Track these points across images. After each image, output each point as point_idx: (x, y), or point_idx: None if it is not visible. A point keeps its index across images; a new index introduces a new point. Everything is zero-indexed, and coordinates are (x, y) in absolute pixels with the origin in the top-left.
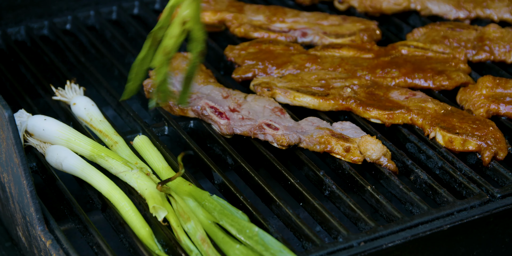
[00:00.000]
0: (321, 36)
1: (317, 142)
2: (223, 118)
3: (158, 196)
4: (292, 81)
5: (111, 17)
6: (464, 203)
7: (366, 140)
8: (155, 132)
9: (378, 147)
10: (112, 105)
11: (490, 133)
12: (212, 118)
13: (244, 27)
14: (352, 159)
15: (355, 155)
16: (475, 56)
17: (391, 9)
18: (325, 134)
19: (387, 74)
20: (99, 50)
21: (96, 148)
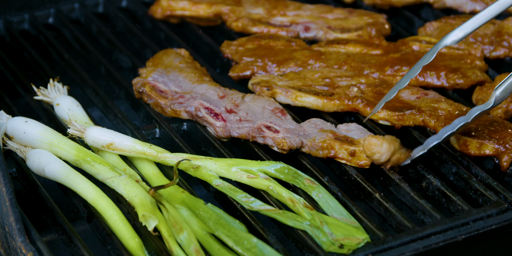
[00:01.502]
0: (326, 31)
1: (319, 147)
2: (219, 120)
3: (149, 204)
4: (293, 80)
5: (98, 10)
6: (481, 212)
7: (370, 143)
8: (145, 135)
9: (384, 148)
10: (98, 106)
11: (509, 136)
12: (207, 119)
13: (242, 21)
14: (359, 164)
15: (362, 159)
16: (492, 52)
17: (402, 1)
18: (328, 138)
19: (397, 72)
20: (84, 46)
21: (81, 152)
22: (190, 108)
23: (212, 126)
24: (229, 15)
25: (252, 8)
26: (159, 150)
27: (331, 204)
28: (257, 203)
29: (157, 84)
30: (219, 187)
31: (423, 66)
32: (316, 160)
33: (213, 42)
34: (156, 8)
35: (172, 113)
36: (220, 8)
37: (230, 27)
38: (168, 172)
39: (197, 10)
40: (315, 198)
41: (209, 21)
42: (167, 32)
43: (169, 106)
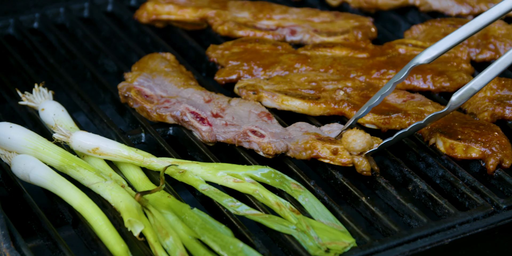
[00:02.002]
0: (312, 34)
1: (302, 148)
2: (205, 124)
3: (134, 209)
4: (280, 84)
5: (83, 14)
6: (467, 215)
7: (347, 134)
8: (131, 140)
9: (359, 136)
10: (84, 111)
11: (495, 139)
12: (193, 124)
13: (228, 25)
14: (342, 162)
15: (344, 157)
16: (478, 55)
17: (388, 4)
18: (310, 139)
19: (383, 75)
20: (70, 51)
21: (66, 157)
22: (176, 113)
23: (198, 130)
24: (215, 19)
25: (238, 12)
26: (145, 155)
27: (317, 208)
28: (243, 207)
29: (142, 88)
30: (205, 191)
31: (395, 83)
32: (302, 164)
33: (199, 46)
34: (141, 12)
35: (157, 117)
36: (206, 12)
37: (216, 31)
38: (154, 177)
39: (182, 14)
40: (301, 202)
41: (195, 25)
42: (152, 37)
43: (154, 110)
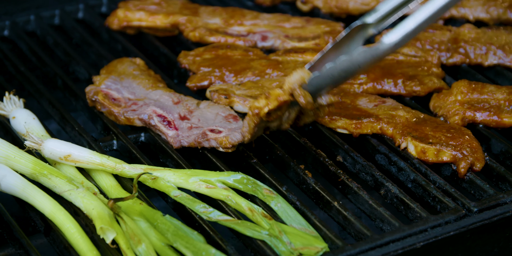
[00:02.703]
0: (283, 40)
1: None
2: (172, 129)
3: (106, 217)
4: (251, 89)
5: (54, 21)
6: (439, 219)
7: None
8: (102, 147)
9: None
10: (55, 118)
11: (466, 142)
12: (160, 128)
13: (199, 31)
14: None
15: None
16: (449, 59)
17: (359, 9)
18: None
19: (354, 80)
20: (41, 58)
21: (38, 165)
22: (143, 116)
23: (165, 135)
24: (186, 25)
25: (209, 18)
26: (117, 162)
27: (290, 214)
28: (215, 213)
29: (110, 91)
30: (177, 198)
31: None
32: (274, 170)
33: (170, 52)
34: (112, 19)
35: (125, 121)
36: (177, 18)
37: (187, 37)
38: (126, 184)
39: (153, 21)
40: (273, 208)
41: (166, 31)
42: (124, 43)
43: (122, 114)
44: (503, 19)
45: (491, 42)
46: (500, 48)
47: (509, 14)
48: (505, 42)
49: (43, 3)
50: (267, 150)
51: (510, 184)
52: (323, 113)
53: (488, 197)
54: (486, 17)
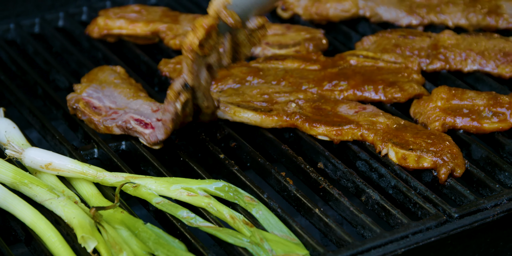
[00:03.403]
0: (263, 47)
1: None
2: (148, 128)
3: (87, 225)
4: (232, 96)
5: (34, 30)
6: (420, 225)
7: None
8: (83, 156)
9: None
10: (36, 127)
11: (446, 148)
12: (137, 129)
13: (180, 39)
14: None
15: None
16: (429, 66)
17: (339, 16)
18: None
19: (335, 86)
20: (21, 67)
21: (18, 174)
22: (120, 122)
23: (142, 135)
24: (166, 33)
25: (190, 25)
26: (98, 170)
27: (271, 221)
28: (197, 219)
29: (91, 100)
30: (159, 204)
31: None
32: (256, 177)
33: (151, 60)
34: (93, 27)
35: (104, 129)
36: (157, 26)
37: (168, 45)
38: (107, 192)
39: (134, 29)
40: (255, 215)
41: (147, 39)
42: (104, 51)
43: (101, 122)
44: (483, 25)
45: (470, 48)
46: (480, 54)
47: (488, 20)
48: (484, 48)
49: (22, 12)
50: (248, 158)
51: (491, 189)
52: (257, 39)
53: (468, 203)
54: (466, 23)
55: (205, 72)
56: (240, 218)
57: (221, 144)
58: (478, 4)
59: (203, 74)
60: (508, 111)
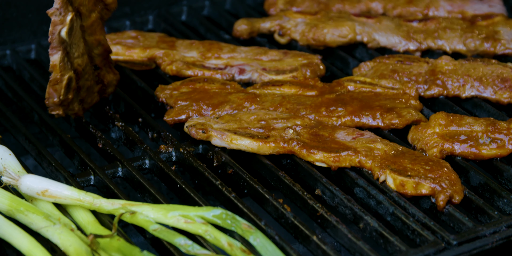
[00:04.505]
0: (260, 73)
1: None
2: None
3: (84, 253)
4: (229, 122)
5: (30, 56)
6: (418, 252)
7: None
8: (80, 183)
9: None
10: (32, 154)
11: (445, 175)
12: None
13: (176, 65)
14: None
15: None
16: (427, 91)
17: (336, 41)
18: None
19: (332, 113)
20: (17, 93)
21: (14, 202)
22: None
23: None
24: (163, 59)
25: (186, 51)
26: (95, 197)
27: (269, 248)
28: (194, 246)
29: None
30: (156, 231)
31: None
32: (253, 204)
33: (148, 86)
34: None
35: None
36: (154, 52)
37: (165, 70)
38: (104, 220)
39: (131, 55)
40: (252, 243)
41: (143, 65)
42: None
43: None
44: (480, 51)
45: (468, 74)
46: (477, 80)
47: (485, 45)
48: (482, 74)
49: (18, 38)
50: (245, 184)
51: (489, 216)
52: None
53: (467, 230)
54: (463, 49)
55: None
56: (237, 246)
57: (218, 171)
58: (476, 30)
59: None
60: (506, 138)
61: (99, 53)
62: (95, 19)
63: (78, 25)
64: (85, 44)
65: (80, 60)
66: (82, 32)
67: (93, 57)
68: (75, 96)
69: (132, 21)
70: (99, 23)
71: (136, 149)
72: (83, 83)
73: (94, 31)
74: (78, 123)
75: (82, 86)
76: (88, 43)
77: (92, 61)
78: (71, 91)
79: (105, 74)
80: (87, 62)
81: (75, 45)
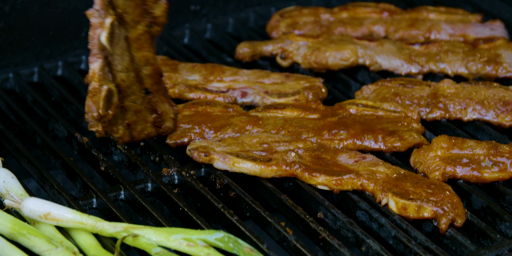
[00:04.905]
0: (263, 96)
1: None
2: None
3: None
4: (231, 145)
5: (32, 79)
6: None
7: None
8: (82, 206)
9: None
10: (34, 177)
11: (447, 198)
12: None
13: (179, 88)
14: None
15: None
16: (428, 114)
17: (338, 64)
18: None
19: (334, 136)
20: (19, 116)
21: (16, 225)
22: None
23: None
24: (165, 82)
25: (189, 74)
26: (97, 220)
27: None
28: None
29: None
30: (159, 255)
31: None
32: (255, 226)
33: None
34: None
35: None
36: None
37: None
38: (106, 243)
39: None
40: None
41: None
42: None
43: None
44: (482, 74)
45: (470, 97)
46: (479, 103)
47: (487, 69)
48: (484, 97)
49: (21, 61)
50: (248, 207)
51: (492, 240)
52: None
53: (469, 254)
54: (465, 72)
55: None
56: None
57: (221, 194)
58: (478, 53)
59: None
60: (509, 161)
61: (149, 74)
62: (142, 32)
63: (122, 35)
64: (131, 60)
65: (124, 76)
66: (128, 45)
67: (142, 78)
68: (120, 118)
69: None
70: (147, 38)
71: (139, 172)
72: (129, 104)
73: (141, 46)
74: (81, 146)
75: (128, 107)
76: (135, 59)
77: (142, 82)
78: (112, 107)
79: (158, 102)
80: (133, 80)
81: (118, 57)
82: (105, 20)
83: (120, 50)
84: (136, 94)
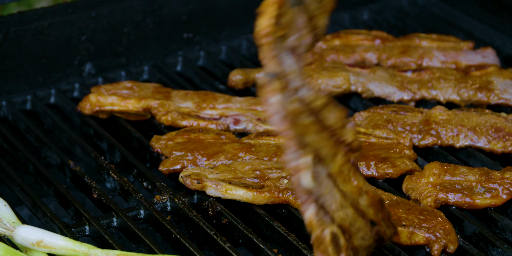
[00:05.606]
0: (255, 123)
1: None
2: None
3: None
4: (224, 172)
5: (25, 107)
6: None
7: None
8: (74, 233)
9: None
10: (27, 204)
11: (439, 225)
12: None
13: (171, 115)
14: None
15: None
16: (421, 141)
17: (331, 92)
18: None
19: None
20: (12, 144)
21: (9, 253)
22: None
23: None
24: (158, 109)
25: (181, 102)
26: (90, 247)
27: None
28: None
29: None
30: None
31: None
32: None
33: (143, 136)
34: (84, 104)
35: None
36: (149, 102)
37: (160, 121)
38: None
39: (126, 105)
40: None
41: (139, 115)
42: (96, 128)
43: None
44: (474, 101)
45: (462, 124)
46: (471, 129)
47: (479, 95)
48: (476, 123)
49: (14, 89)
50: (240, 234)
51: None
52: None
53: None
54: (457, 99)
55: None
56: None
57: (213, 221)
58: (469, 80)
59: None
60: (500, 187)
61: (368, 204)
62: (342, 163)
63: (323, 173)
64: (343, 196)
65: (343, 214)
66: (333, 182)
67: (363, 210)
68: None
69: (127, 71)
70: (349, 167)
71: (131, 199)
72: (359, 242)
73: (346, 178)
74: (73, 173)
75: (359, 246)
76: (347, 193)
77: (364, 215)
78: (343, 250)
79: (386, 230)
80: (354, 216)
81: (328, 196)
82: (302, 161)
83: (327, 189)
84: (363, 230)
